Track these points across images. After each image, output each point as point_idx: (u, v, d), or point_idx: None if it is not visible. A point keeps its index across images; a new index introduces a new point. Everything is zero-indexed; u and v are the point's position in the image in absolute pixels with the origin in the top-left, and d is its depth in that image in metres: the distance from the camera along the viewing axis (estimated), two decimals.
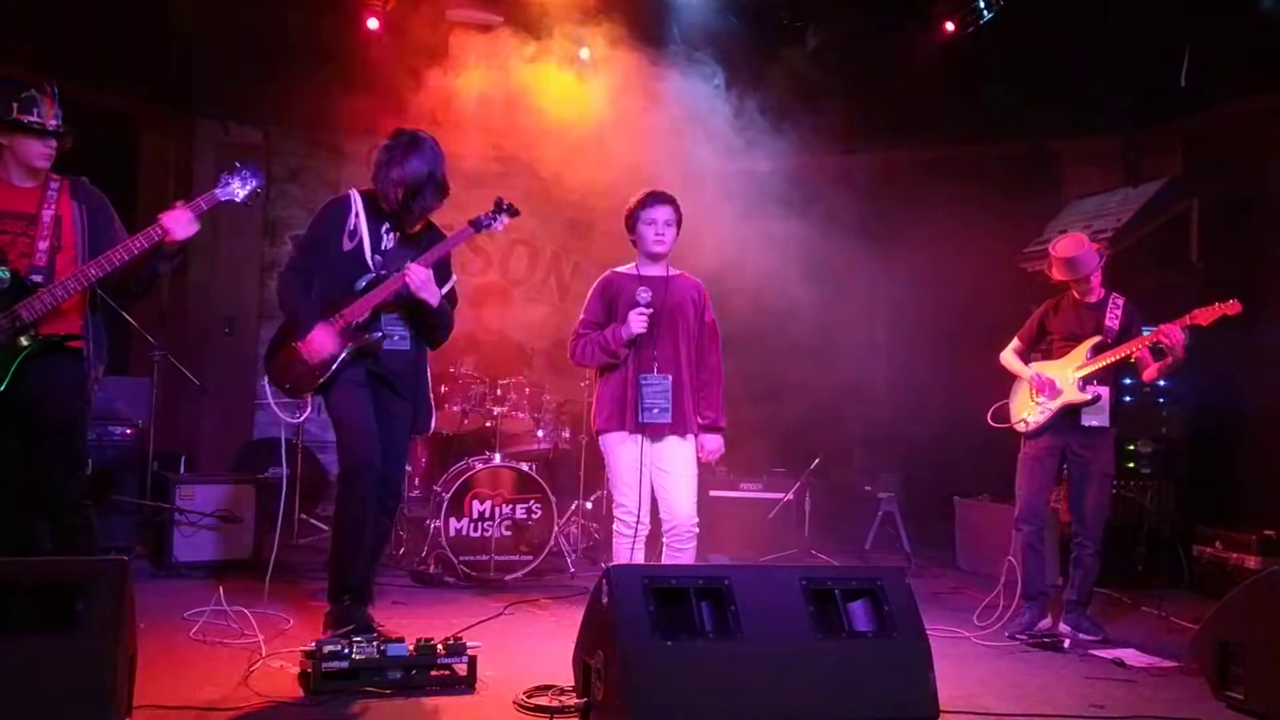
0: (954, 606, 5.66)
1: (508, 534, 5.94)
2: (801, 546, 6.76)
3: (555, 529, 6.03)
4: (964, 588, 6.29)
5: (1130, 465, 6.67)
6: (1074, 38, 6.68)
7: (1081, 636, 4.97)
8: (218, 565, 5.76)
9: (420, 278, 4.18)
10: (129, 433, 6.19)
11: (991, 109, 7.45)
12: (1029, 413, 5.13)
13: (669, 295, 4.46)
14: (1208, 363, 6.14)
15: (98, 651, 2.96)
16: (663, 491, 4.44)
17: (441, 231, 4.53)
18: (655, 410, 4.37)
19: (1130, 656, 4.66)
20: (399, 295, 4.24)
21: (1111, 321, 5.09)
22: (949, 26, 7.17)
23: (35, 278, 3.77)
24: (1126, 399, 6.48)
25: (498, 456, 6.16)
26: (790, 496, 6.77)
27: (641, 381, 4.38)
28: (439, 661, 3.72)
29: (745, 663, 3.20)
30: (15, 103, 3.77)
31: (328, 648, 3.62)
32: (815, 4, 7.27)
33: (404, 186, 4.23)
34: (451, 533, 5.83)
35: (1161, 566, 6.45)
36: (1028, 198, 7.90)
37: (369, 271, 4.26)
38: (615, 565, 3.43)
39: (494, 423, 6.52)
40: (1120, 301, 5.15)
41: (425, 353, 4.51)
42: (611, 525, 4.56)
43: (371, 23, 6.95)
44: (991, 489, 6.74)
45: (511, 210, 4.42)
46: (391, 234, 4.35)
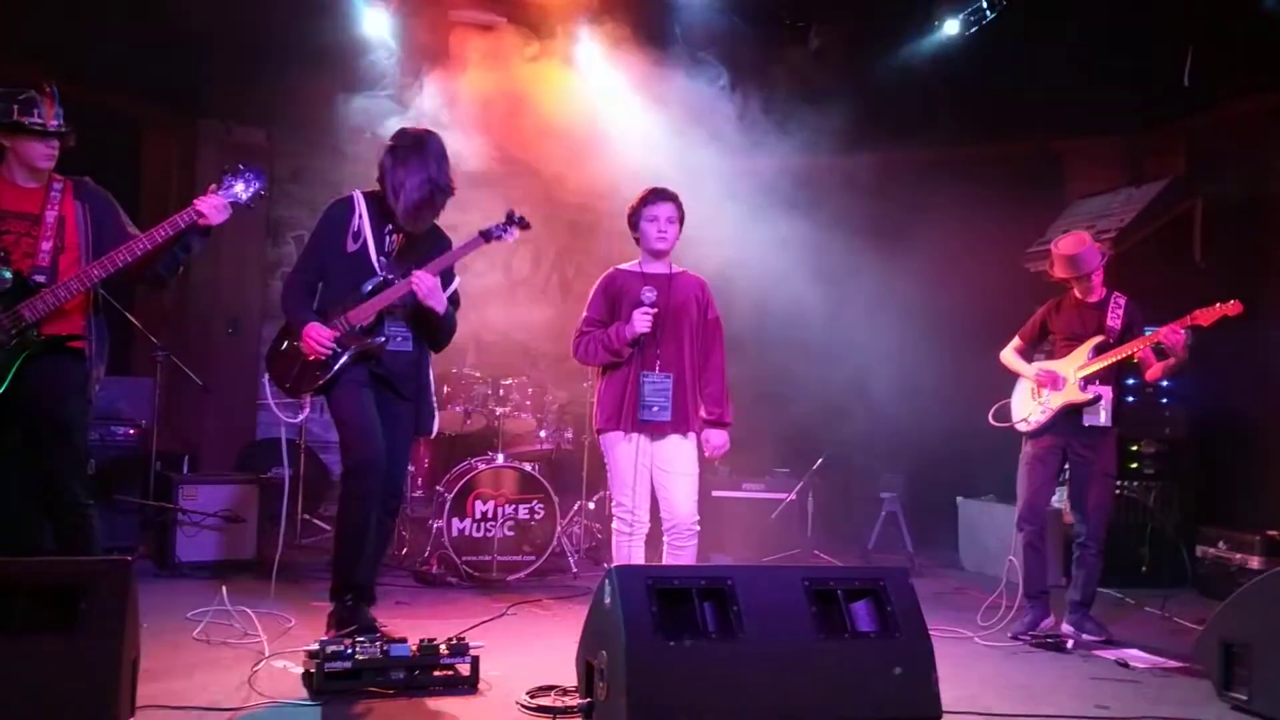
0: (957, 607, 5.66)
1: (510, 534, 5.94)
2: (804, 547, 6.75)
3: (558, 529, 6.04)
4: (967, 588, 6.28)
5: (1133, 465, 6.67)
6: (1077, 38, 6.66)
7: (1085, 637, 4.96)
8: (220, 565, 5.77)
9: (428, 285, 4.17)
10: (132, 433, 6.20)
11: (995, 110, 7.45)
12: (1030, 412, 5.13)
13: (672, 293, 4.46)
14: (1211, 363, 6.14)
15: (100, 652, 2.96)
16: (663, 491, 4.44)
17: (445, 233, 4.52)
18: (655, 408, 4.37)
19: (1134, 657, 4.65)
20: (404, 300, 4.24)
21: (1113, 321, 5.08)
22: (952, 27, 7.17)
23: (38, 278, 3.78)
24: (1129, 399, 6.47)
25: (500, 457, 6.17)
26: (793, 497, 6.77)
27: (642, 379, 4.38)
28: (442, 662, 3.72)
29: (748, 663, 3.19)
30: (15, 104, 3.78)
31: (331, 648, 3.62)
32: (818, 4, 7.26)
33: (407, 187, 4.21)
34: (454, 533, 5.83)
35: (1165, 567, 6.45)
36: (1031, 198, 7.89)
37: (375, 274, 4.25)
38: (618, 566, 3.43)
39: (497, 423, 6.53)
40: (1122, 301, 5.13)
41: (428, 354, 4.50)
42: (612, 525, 4.56)
43: (373, 22, 6.94)
44: (995, 489, 6.74)
45: (523, 223, 4.38)
46: (395, 235, 4.34)
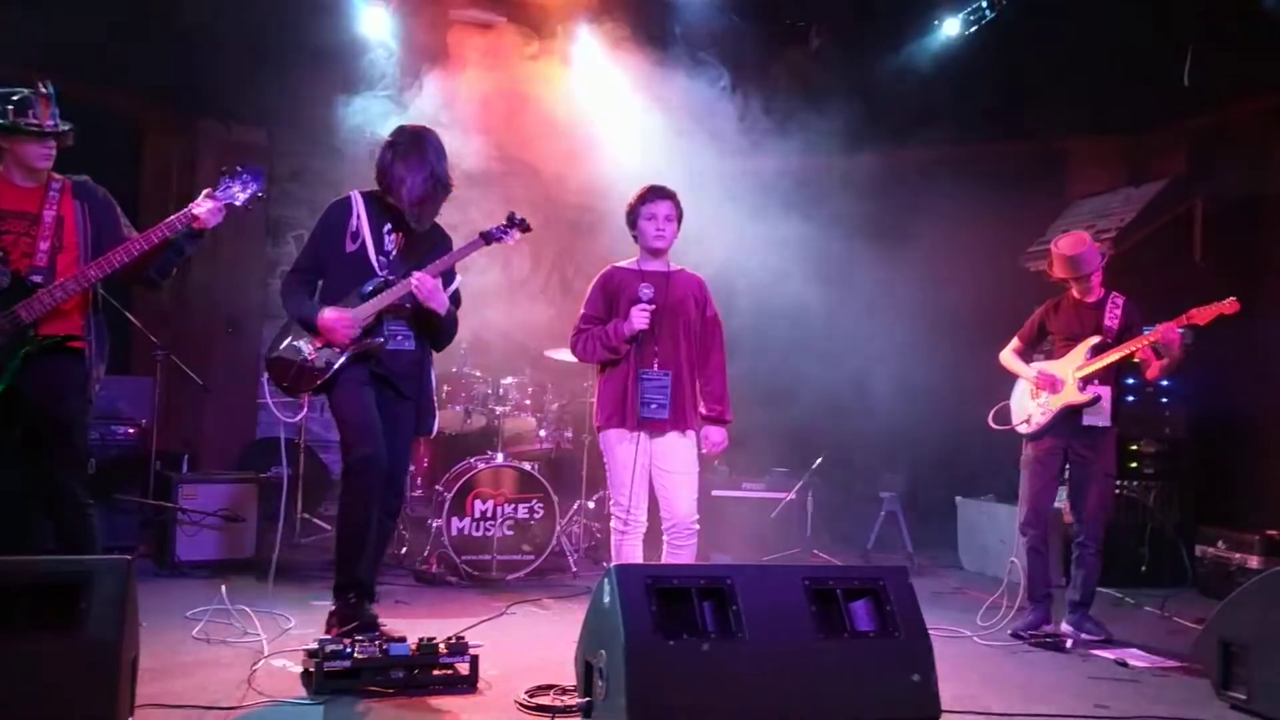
0: (956, 606, 5.66)
1: (510, 533, 5.94)
2: (804, 546, 6.75)
3: (557, 528, 6.04)
4: (966, 587, 6.29)
5: (1133, 465, 6.68)
6: (1077, 38, 6.66)
7: (1084, 636, 4.96)
8: (220, 564, 5.77)
9: (428, 287, 4.17)
10: (131, 432, 6.21)
11: (995, 109, 7.45)
12: (1030, 414, 5.12)
13: (670, 291, 4.46)
14: (1211, 362, 6.14)
15: (100, 651, 2.96)
16: (663, 490, 4.44)
17: (446, 233, 4.51)
18: (654, 406, 4.37)
19: (1133, 657, 4.65)
20: (405, 301, 4.24)
21: (1111, 321, 5.07)
22: (952, 26, 7.17)
23: (35, 278, 3.77)
24: (1129, 399, 6.47)
25: (500, 456, 6.17)
26: (793, 496, 6.77)
27: (641, 377, 4.38)
28: (441, 661, 3.72)
29: (747, 662, 3.19)
30: (10, 105, 3.78)
31: (330, 647, 3.62)
32: (818, 3, 7.26)
33: (407, 184, 4.21)
34: (454, 532, 5.83)
35: (1164, 566, 6.45)
36: (1032, 198, 7.89)
37: (375, 275, 4.25)
38: (618, 565, 3.43)
39: (496, 422, 6.53)
40: (1120, 301, 5.12)
41: (429, 354, 4.49)
42: (611, 524, 4.56)
43: (372, 21, 6.94)
44: (994, 489, 6.74)
45: (523, 225, 4.39)
46: (395, 235, 4.33)
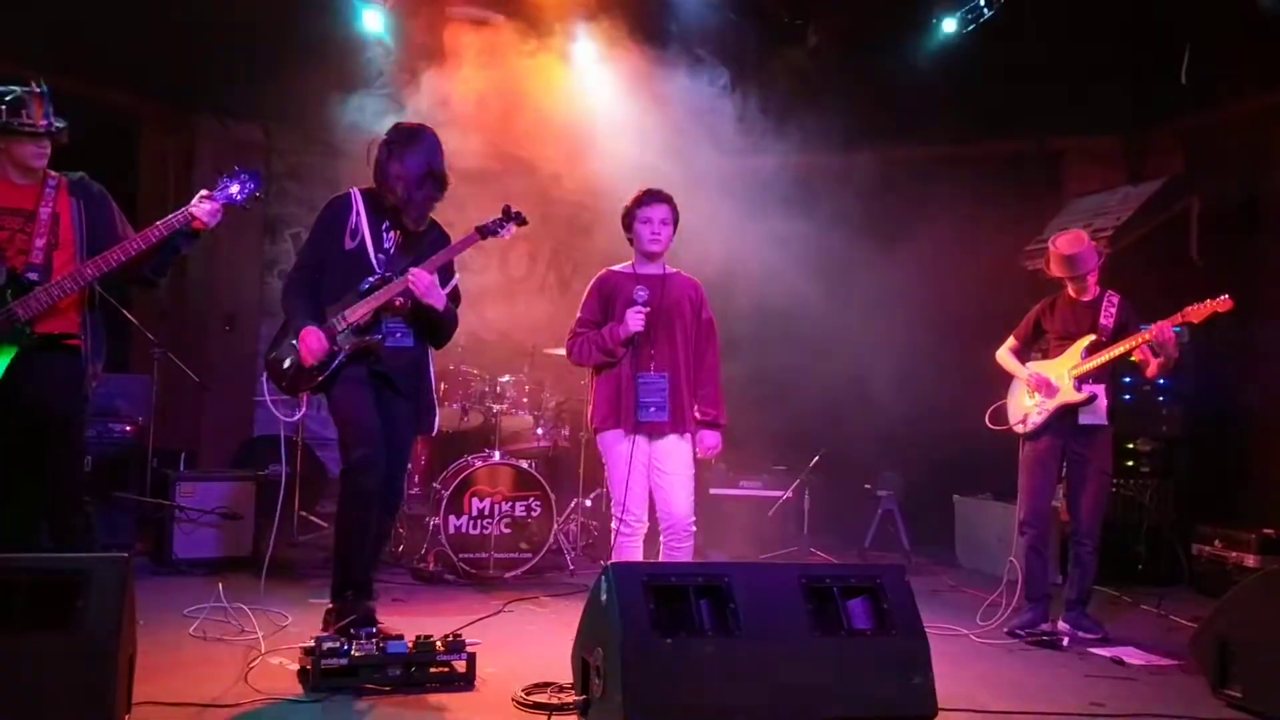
0: (953, 604, 5.67)
1: (507, 531, 5.95)
2: (801, 544, 6.76)
3: (555, 526, 6.04)
4: (963, 585, 6.29)
5: (1130, 464, 6.68)
6: (1075, 36, 6.67)
7: (1081, 635, 4.96)
8: (217, 562, 5.77)
9: (424, 283, 4.15)
10: (129, 430, 6.21)
11: (993, 108, 7.45)
12: (1027, 413, 5.12)
13: (666, 294, 4.46)
14: (1208, 361, 6.15)
15: (97, 648, 2.96)
16: (660, 491, 4.44)
17: (444, 231, 4.50)
18: (652, 408, 4.38)
19: (1129, 655, 4.66)
20: (404, 297, 4.23)
21: (1106, 320, 5.06)
22: (950, 25, 7.17)
23: (31, 275, 3.77)
24: (1126, 398, 6.48)
25: (497, 454, 6.17)
26: (790, 494, 6.78)
27: (639, 380, 4.38)
28: (438, 659, 3.73)
29: (744, 660, 3.20)
30: (4, 106, 3.77)
31: (327, 645, 3.62)
32: (816, 2, 7.26)
33: (404, 181, 4.21)
34: (451, 530, 5.83)
35: (1161, 565, 6.46)
36: (1029, 196, 7.90)
37: (373, 272, 4.23)
38: (615, 563, 3.43)
39: (494, 420, 6.53)
40: (1115, 299, 5.11)
41: (429, 352, 4.48)
42: (610, 523, 4.56)
43: (370, 19, 6.94)
44: (991, 487, 6.75)
45: (519, 219, 4.38)
46: (393, 233, 4.32)
